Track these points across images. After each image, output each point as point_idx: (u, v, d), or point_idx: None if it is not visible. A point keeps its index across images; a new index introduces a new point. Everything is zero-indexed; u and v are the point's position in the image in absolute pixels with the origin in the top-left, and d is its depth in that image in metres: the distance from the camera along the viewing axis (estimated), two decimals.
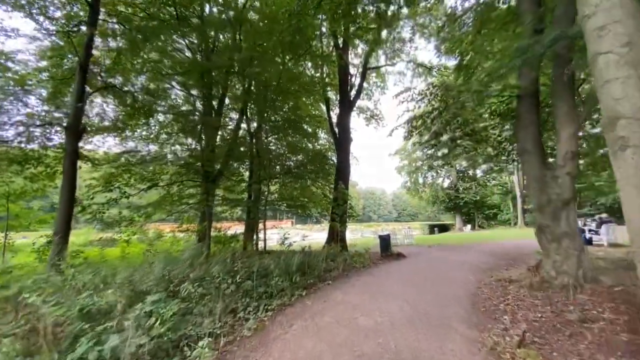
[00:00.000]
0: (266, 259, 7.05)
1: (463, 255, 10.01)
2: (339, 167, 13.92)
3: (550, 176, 5.47)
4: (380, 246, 10.59)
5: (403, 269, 7.60)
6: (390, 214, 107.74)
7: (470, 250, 11.65)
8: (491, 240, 16.23)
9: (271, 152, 13.18)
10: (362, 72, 15.30)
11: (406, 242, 16.91)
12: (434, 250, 12.39)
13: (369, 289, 5.70)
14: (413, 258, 9.73)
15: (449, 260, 8.91)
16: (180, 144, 11.95)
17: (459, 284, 5.89)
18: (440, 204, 39.82)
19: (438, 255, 10.25)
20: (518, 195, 33.01)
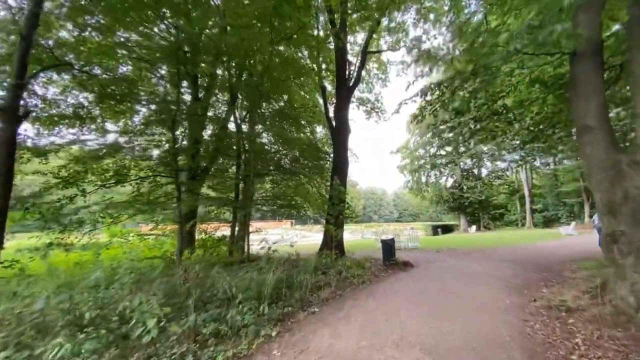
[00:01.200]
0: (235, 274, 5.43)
1: (481, 263, 8.37)
2: (335, 162, 12.30)
3: (627, 162, 3.84)
4: (383, 252, 8.98)
5: (413, 286, 5.98)
6: (392, 214, 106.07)
7: (486, 256, 10.01)
8: (505, 243, 14.58)
9: (259, 145, 11.56)
10: (361, 57, 13.66)
11: (411, 245, 15.29)
12: (444, 256, 10.75)
13: (369, 324, 4.06)
14: (422, 268, 8.09)
15: (468, 271, 7.27)
16: (154, 137, 10.32)
17: (493, 312, 4.28)
18: (443, 203, 38.18)
19: (452, 263, 8.59)
20: (526, 195, 31.37)
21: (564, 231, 20.44)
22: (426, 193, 39.84)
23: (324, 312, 4.44)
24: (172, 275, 5.52)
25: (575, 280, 6.13)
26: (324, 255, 7.96)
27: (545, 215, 31.79)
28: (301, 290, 5.06)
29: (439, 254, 11.52)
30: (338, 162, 12.20)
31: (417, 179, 39.15)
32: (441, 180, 39.65)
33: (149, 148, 9.72)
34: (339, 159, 12.22)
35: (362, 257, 10.77)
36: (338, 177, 12.08)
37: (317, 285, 5.62)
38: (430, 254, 11.62)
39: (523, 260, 8.86)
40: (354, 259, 8.62)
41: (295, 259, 8.90)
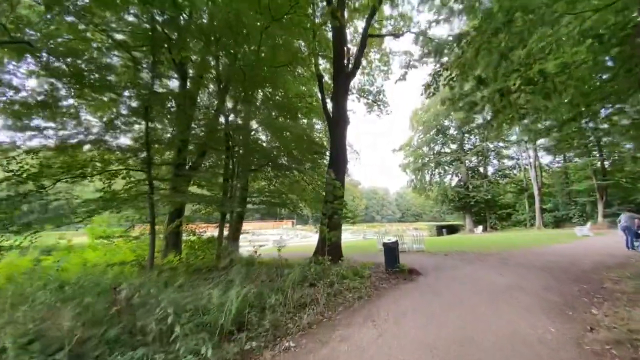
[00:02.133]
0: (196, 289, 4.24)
1: (501, 271, 7.10)
2: (332, 156, 11.08)
3: None
4: (386, 259, 7.75)
5: (422, 304, 4.71)
6: (394, 214, 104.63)
7: (503, 261, 8.74)
8: (519, 245, 13.28)
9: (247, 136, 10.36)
10: (361, 41, 12.43)
11: (415, 247, 14.03)
12: (454, 261, 9.49)
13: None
14: (432, 277, 6.83)
15: (487, 282, 6.01)
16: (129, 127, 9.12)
17: (540, 352, 3.04)
18: (448, 203, 36.83)
19: (466, 271, 7.32)
20: (536, 194, 29.94)
21: (579, 232, 19.08)
22: (430, 192, 38.50)
23: (301, 349, 3.17)
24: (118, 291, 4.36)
25: (626, 295, 4.87)
26: (314, 263, 6.73)
27: (555, 215, 30.36)
28: (276, 313, 3.85)
29: (448, 259, 10.27)
30: (335, 156, 10.98)
31: (421, 177, 37.84)
32: (446, 178, 38.37)
33: (117, 139, 8.54)
34: (336, 152, 10.99)
35: (361, 263, 9.55)
36: (335, 172, 10.86)
37: (300, 304, 4.40)
38: (438, 259, 10.36)
39: (549, 266, 7.59)
40: (351, 266, 7.39)
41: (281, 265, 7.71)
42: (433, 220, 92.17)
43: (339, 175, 10.80)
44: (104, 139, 8.37)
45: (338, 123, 11.15)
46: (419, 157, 37.23)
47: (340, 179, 10.80)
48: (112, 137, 8.55)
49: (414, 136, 38.07)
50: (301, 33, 11.53)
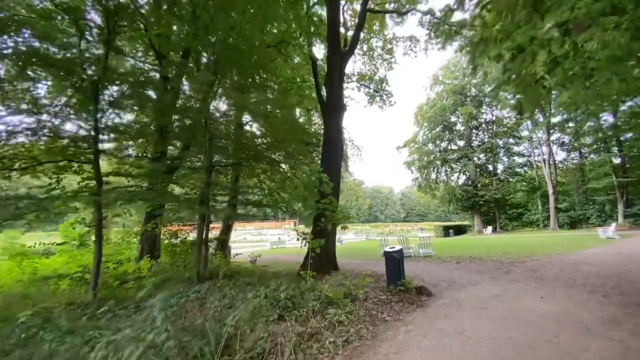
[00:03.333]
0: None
1: (540, 291, 5.45)
2: (325, 146, 9.53)
3: None
4: (388, 272, 6.17)
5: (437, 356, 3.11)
6: (398, 213, 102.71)
7: (534, 273, 7.07)
8: (544, 251, 11.58)
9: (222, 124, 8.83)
10: (359, 16, 10.85)
11: (423, 252, 12.43)
12: (471, 272, 7.86)
13: None
14: (447, 300, 5.20)
15: (529, 312, 4.32)
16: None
17: None
18: (456, 202, 35.03)
19: (492, 291, 5.57)
20: (550, 192, 28.06)
21: (603, 234, 17.25)
22: (436, 191, 36.73)
23: None
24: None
25: None
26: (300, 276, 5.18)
27: (571, 215, 28.44)
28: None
29: (462, 269, 8.65)
30: (328, 147, 9.43)
31: (427, 175, 36.08)
32: (452, 177, 36.56)
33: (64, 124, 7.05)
34: (329, 142, 9.44)
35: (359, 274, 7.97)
36: (328, 165, 9.31)
37: (251, 357, 2.86)
38: (450, 268, 8.75)
39: (595, 282, 5.94)
40: (343, 282, 5.81)
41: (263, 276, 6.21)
42: (439, 220, 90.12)
43: (333, 168, 9.25)
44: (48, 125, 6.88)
45: (332, 108, 9.58)
46: (425, 154, 35.48)
47: (334, 173, 9.25)
48: (60, 121, 7.06)
49: (419, 132, 36.35)
50: (291, 5, 10.00)
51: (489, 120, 35.43)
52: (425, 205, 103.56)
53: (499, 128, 34.52)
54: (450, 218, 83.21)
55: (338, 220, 6.63)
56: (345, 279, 7.47)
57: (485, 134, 35.99)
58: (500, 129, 34.43)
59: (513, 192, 34.00)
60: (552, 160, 29.29)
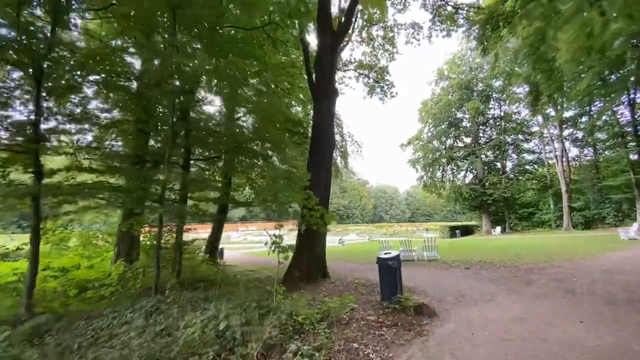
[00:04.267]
0: None
1: (576, 312, 4.24)
2: (314, 136, 8.42)
3: None
4: (382, 284, 5.04)
5: None
6: (404, 213, 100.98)
7: (564, 286, 5.83)
8: (564, 254, 10.29)
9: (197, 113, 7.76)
10: None
11: (427, 255, 11.23)
12: (483, 281, 6.66)
13: None
14: (454, 324, 3.97)
15: (567, 347, 3.13)
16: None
17: None
18: (462, 202, 33.61)
19: (514, 311, 4.27)
20: (563, 191, 26.54)
21: (624, 235, 15.83)
22: (442, 190, 35.32)
23: None
24: None
25: None
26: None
27: (585, 214, 26.86)
28: None
29: (472, 276, 7.45)
30: (319, 136, 8.31)
31: (432, 174, 34.68)
32: (459, 175, 35.13)
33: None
34: (320, 131, 8.32)
35: (351, 283, 6.84)
36: (318, 157, 8.20)
37: None
38: (458, 275, 7.56)
39: (638, 297, 4.74)
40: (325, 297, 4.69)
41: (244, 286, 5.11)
42: (445, 220, 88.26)
43: (323, 161, 8.14)
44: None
45: (322, 93, 8.46)
46: (430, 151, 34.11)
47: (325, 166, 8.13)
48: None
49: (423, 129, 34.98)
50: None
51: (497, 116, 33.95)
52: (431, 205, 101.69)
53: (507, 124, 33.01)
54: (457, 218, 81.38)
55: (316, 222, 5.50)
56: (332, 290, 6.35)
57: (493, 130, 34.52)
58: (509, 124, 32.91)
59: (523, 190, 32.48)
60: (565, 157, 27.73)
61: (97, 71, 6.54)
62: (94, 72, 6.58)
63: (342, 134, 19.65)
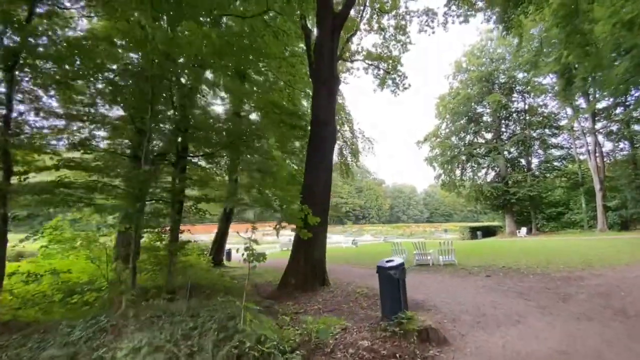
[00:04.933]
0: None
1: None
2: (313, 128, 7.63)
3: None
4: (382, 300, 4.19)
5: None
6: (422, 214, 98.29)
7: (606, 298, 4.73)
8: (607, 261, 8.97)
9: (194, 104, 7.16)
10: None
11: (443, 260, 10.18)
12: (508, 295, 5.61)
13: None
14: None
15: None
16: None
17: None
18: (484, 201, 31.78)
19: (557, 342, 3.16)
20: (596, 188, 24.37)
21: None
22: (462, 189, 33.57)
23: None
24: None
25: None
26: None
27: (622, 214, 24.50)
28: None
29: (494, 286, 6.42)
30: (318, 130, 7.52)
31: (450, 172, 33.03)
32: (480, 173, 33.24)
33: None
34: (319, 124, 7.53)
35: (352, 292, 6.02)
36: (317, 153, 7.43)
37: None
38: (478, 285, 6.55)
39: None
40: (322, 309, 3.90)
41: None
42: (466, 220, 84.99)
43: (323, 157, 7.35)
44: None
45: (322, 80, 7.66)
46: (448, 148, 32.47)
47: (325, 162, 7.35)
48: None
49: (441, 125, 33.39)
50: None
51: (521, 110, 31.84)
52: (450, 205, 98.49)
53: (532, 117, 30.87)
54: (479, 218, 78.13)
55: (297, 222, 4.72)
56: (329, 301, 5.54)
57: (517, 124, 32.43)
58: (535, 118, 30.77)
59: (551, 188, 30.27)
60: (599, 151, 25.47)
61: (82, 63, 6.04)
62: (77, 64, 6.09)
63: (353, 130, 18.73)
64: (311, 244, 6.79)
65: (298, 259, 6.76)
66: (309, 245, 6.76)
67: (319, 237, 6.87)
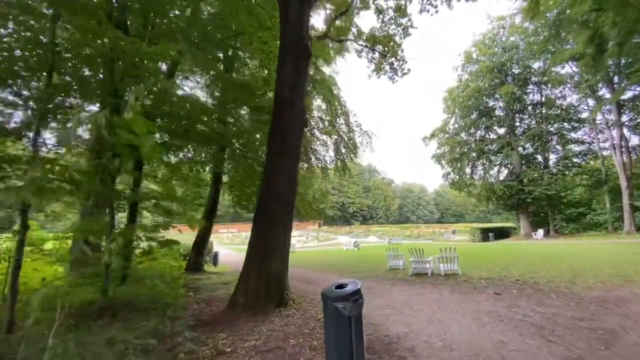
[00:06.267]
0: None
1: None
2: (276, 109, 6.19)
3: None
4: (328, 346, 2.71)
5: None
6: (432, 214, 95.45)
7: None
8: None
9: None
10: None
11: (444, 269, 8.56)
12: (528, 335, 3.91)
13: None
14: None
15: None
16: None
17: None
18: (496, 200, 29.70)
19: None
20: (623, 187, 22.07)
21: None
22: (472, 187, 31.52)
23: None
24: None
25: None
26: None
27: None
28: None
29: (504, 313, 4.84)
30: (280, 110, 6.07)
31: (460, 170, 31.03)
32: (492, 170, 31.12)
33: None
34: (281, 101, 6.09)
35: (309, 320, 4.55)
36: (278, 139, 6.00)
37: None
38: (483, 311, 4.97)
39: None
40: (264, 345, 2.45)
41: None
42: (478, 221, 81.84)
43: (287, 146, 5.91)
44: None
45: (286, 49, 6.20)
46: (457, 144, 30.50)
47: (287, 152, 5.91)
48: None
49: (449, 120, 31.44)
50: None
51: (537, 102, 29.58)
52: (462, 205, 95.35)
53: (550, 110, 28.59)
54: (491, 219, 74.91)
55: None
56: (280, 332, 4.07)
57: (532, 118, 30.20)
58: (552, 111, 28.49)
59: (570, 187, 27.94)
60: (625, 146, 23.15)
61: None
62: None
63: (349, 123, 17.20)
64: (267, 253, 5.35)
65: (249, 272, 5.32)
66: (263, 255, 5.33)
67: (277, 245, 5.42)
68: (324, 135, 17.46)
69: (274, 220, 5.50)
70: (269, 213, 5.58)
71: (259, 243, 5.46)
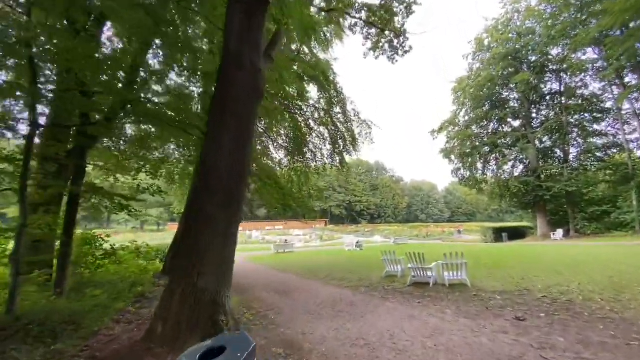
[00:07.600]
0: None
1: None
2: (221, 72, 4.72)
3: None
4: None
5: None
6: (442, 213, 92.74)
7: None
8: None
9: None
10: None
11: (448, 278, 6.97)
12: None
13: None
14: None
15: None
16: None
17: None
18: (510, 198, 27.61)
19: None
20: None
21: None
22: (484, 184, 29.48)
23: None
24: None
25: None
26: None
27: None
28: None
29: (533, 353, 3.25)
30: (226, 71, 4.60)
31: (470, 165, 29.03)
32: (505, 166, 28.99)
33: None
34: (228, 59, 4.62)
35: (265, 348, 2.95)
36: (220, 109, 4.53)
37: None
38: (502, 353, 3.37)
39: None
40: None
41: None
42: (490, 220, 78.83)
43: (232, 118, 4.44)
44: None
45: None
46: (467, 138, 28.50)
47: (231, 127, 4.43)
48: None
49: (459, 112, 29.45)
50: None
51: (555, 91, 27.32)
52: (473, 204, 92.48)
53: (570, 100, 26.29)
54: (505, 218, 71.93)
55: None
56: None
57: (550, 109, 27.95)
58: (572, 101, 26.18)
59: (593, 183, 25.66)
60: None
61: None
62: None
63: (346, 111, 15.60)
64: (196, 262, 3.89)
65: (173, 289, 3.87)
66: (190, 267, 3.87)
67: (211, 251, 3.95)
68: (320, 126, 15.94)
69: (210, 220, 4.04)
70: (205, 211, 4.12)
71: (185, 248, 4.02)
